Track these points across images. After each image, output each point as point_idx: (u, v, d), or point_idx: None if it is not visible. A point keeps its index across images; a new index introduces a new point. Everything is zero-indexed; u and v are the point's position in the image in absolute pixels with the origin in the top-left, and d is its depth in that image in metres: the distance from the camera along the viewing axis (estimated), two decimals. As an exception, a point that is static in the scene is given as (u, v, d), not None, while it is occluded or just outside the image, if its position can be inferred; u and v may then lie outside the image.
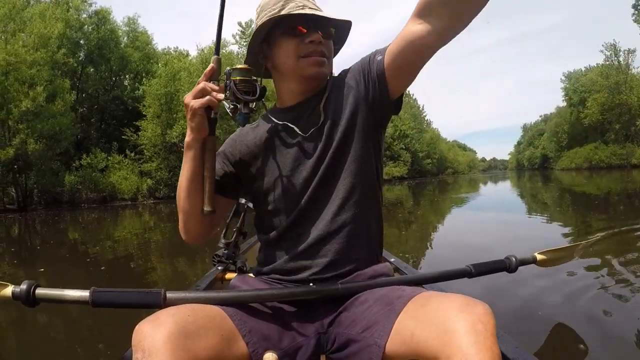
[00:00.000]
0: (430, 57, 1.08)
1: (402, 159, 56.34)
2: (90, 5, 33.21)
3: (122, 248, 7.22)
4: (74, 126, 27.80)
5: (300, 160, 1.17)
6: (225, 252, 2.06)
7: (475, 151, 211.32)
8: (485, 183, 28.83)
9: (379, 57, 1.13)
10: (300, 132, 1.16)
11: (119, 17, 46.31)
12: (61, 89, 26.48)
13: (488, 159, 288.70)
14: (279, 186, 1.19)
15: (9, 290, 1.07)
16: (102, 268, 5.43)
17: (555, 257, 1.74)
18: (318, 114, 1.17)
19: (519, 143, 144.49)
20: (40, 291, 1.06)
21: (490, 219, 8.43)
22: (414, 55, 1.06)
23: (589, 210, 8.61)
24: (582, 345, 2.16)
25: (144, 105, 29.25)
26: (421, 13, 1.01)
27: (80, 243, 8.40)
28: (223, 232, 2.06)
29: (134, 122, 29.13)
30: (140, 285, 4.29)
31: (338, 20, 1.16)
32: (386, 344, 0.94)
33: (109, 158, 28.85)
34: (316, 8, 1.16)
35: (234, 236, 2.05)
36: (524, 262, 1.53)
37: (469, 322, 0.80)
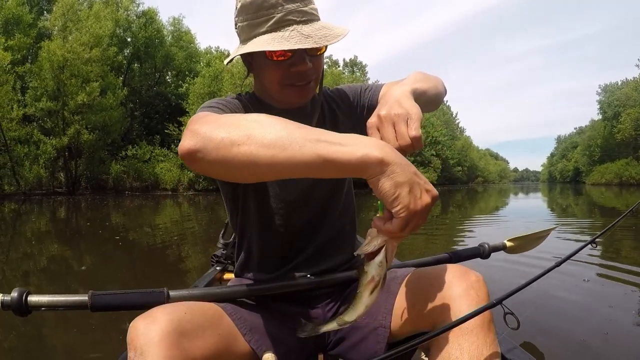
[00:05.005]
0: None
1: (432, 165, 56.01)
2: (138, 5, 35.16)
3: (162, 234, 7.51)
4: (123, 119, 29.71)
5: (293, 181, 1.07)
6: (224, 252, 2.01)
7: (507, 161, 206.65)
8: (516, 194, 28.49)
9: (371, 92, 1.16)
10: None
11: (164, 16, 47.65)
12: (113, 85, 28.42)
13: (520, 169, 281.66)
14: (272, 206, 1.12)
15: None
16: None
17: (521, 244, 1.89)
18: None
19: (552, 155, 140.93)
20: (32, 298, 0.99)
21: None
22: None
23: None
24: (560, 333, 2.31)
25: (187, 103, 30.88)
26: None
27: (122, 226, 9.10)
28: (222, 233, 2.03)
29: (177, 118, 30.68)
30: (174, 269, 4.51)
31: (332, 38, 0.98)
32: (391, 324, 0.99)
33: (154, 151, 30.78)
34: (311, 15, 0.98)
35: (232, 236, 1.98)
36: (495, 249, 1.66)
37: (462, 287, 0.86)
